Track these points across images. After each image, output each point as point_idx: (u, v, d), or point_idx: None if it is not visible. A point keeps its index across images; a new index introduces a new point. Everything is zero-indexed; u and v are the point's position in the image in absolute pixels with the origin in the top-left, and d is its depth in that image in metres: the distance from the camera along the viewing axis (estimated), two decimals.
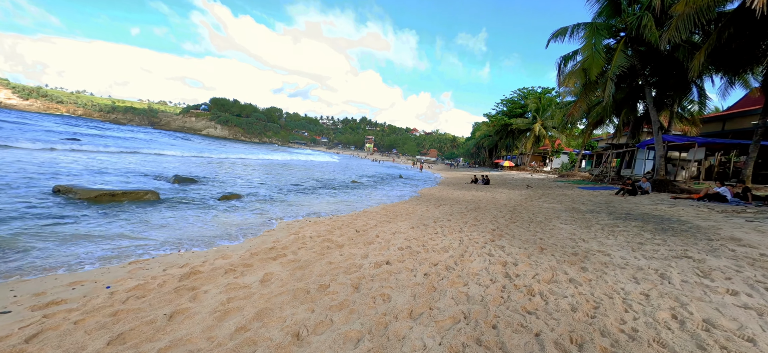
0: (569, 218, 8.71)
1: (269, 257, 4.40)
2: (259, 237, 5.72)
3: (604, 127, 28.85)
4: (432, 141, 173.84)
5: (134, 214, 6.89)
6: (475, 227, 7.33)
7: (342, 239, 5.65)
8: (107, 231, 5.41)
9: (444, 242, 5.72)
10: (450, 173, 42.81)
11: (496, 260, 4.65)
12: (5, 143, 17.16)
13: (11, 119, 48.44)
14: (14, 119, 50.66)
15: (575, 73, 18.50)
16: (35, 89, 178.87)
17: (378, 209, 10.15)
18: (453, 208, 10.73)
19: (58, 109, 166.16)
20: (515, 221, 8.19)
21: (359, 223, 7.44)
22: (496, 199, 13.87)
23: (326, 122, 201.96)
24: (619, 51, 17.10)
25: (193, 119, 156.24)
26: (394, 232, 6.48)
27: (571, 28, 18.85)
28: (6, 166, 11.32)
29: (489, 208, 10.87)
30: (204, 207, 8.41)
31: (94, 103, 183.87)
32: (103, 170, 13.21)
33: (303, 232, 6.16)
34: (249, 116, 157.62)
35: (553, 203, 12.31)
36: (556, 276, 4.02)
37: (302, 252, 4.71)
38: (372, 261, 4.39)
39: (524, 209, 10.75)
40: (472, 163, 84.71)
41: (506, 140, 57.80)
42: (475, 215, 9.08)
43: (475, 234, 6.46)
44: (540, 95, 50.84)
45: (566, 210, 10.20)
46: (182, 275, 3.56)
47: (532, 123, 47.71)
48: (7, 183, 8.60)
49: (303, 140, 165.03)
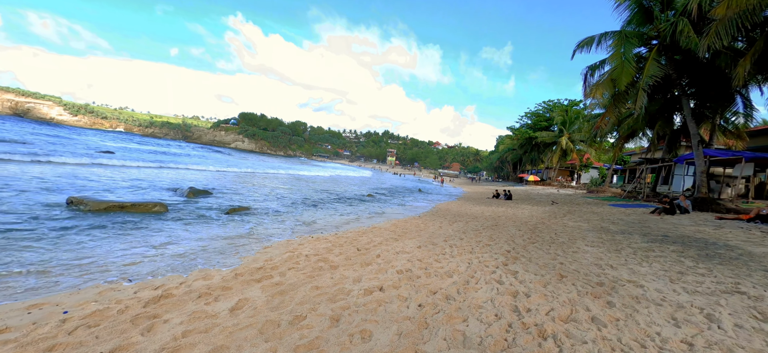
0: (596, 239, 7.89)
1: (253, 280, 4.05)
2: (253, 255, 5.41)
3: (636, 140, 27.16)
4: (454, 155, 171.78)
5: (135, 227, 6.80)
6: (489, 247, 6.72)
7: (339, 259, 5.24)
8: (95, 249, 5.28)
9: (450, 264, 5.18)
10: (471, 188, 41.68)
11: (506, 289, 4.08)
12: (48, 158, 18.15)
13: (60, 134, 51.93)
14: (62, 134, 54.32)
15: (603, 84, 17.47)
16: (83, 106, 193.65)
17: (388, 224, 9.70)
18: (468, 225, 10.09)
19: (103, 124, 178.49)
20: (534, 242, 7.49)
21: (363, 240, 7.02)
22: (516, 216, 13.05)
23: (349, 136, 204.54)
24: (652, 60, 16.02)
25: (223, 133, 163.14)
26: (397, 251, 6.01)
27: (598, 38, 17.93)
28: (36, 178, 11.81)
29: (507, 226, 10.14)
30: (207, 221, 8.28)
31: (134, 118, 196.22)
32: (126, 183, 13.57)
33: (300, 250, 5.81)
34: (275, 130, 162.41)
35: (579, 221, 11.39)
36: (576, 312, 3.41)
37: (291, 274, 4.33)
38: (364, 287, 3.94)
39: (546, 227, 9.95)
40: (496, 177, 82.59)
41: (531, 153, 55.94)
42: (491, 234, 8.43)
43: (486, 256, 5.86)
44: (566, 108, 49.05)
45: (593, 230, 9.32)
46: (150, 299, 3.26)
47: (558, 136, 45.93)
48: (27, 194, 8.86)
49: (326, 153, 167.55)
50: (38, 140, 31.23)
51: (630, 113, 23.23)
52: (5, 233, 5.40)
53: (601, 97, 18.44)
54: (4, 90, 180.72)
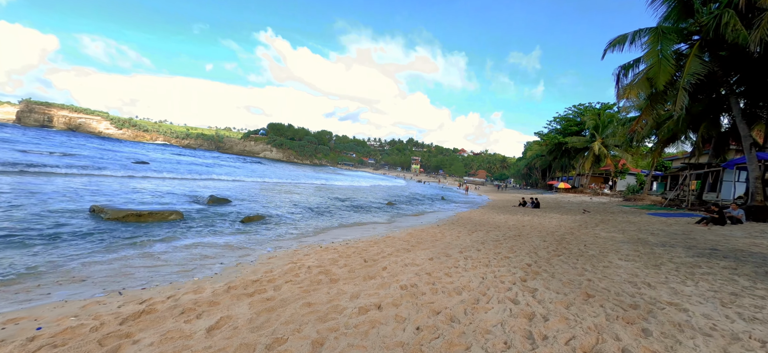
0: (632, 252, 7.12)
1: (244, 294, 3.82)
2: (252, 266, 5.21)
3: (678, 144, 25.20)
4: (480, 162, 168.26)
5: (144, 236, 6.84)
6: (507, 260, 6.18)
7: (342, 271, 4.93)
8: (98, 258, 5.28)
9: (461, 279, 4.73)
10: (497, 195, 40.34)
11: (521, 310, 3.60)
12: (86, 171, 19.29)
13: (105, 147, 55.56)
14: (107, 146, 58.11)
15: (638, 84, 16.27)
16: (127, 120, 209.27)
17: (403, 234, 9.31)
18: (489, 235, 9.51)
19: (144, 137, 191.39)
20: (560, 255, 6.84)
21: (373, 251, 6.68)
22: (542, 225, 12.25)
23: (373, 144, 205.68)
24: (693, 57, 14.76)
25: (252, 143, 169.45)
26: (407, 263, 5.62)
27: (632, 35, 16.80)
28: (71, 188, 12.43)
29: (531, 236, 9.46)
30: (219, 230, 8.26)
31: (172, 130, 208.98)
32: (152, 192, 14.03)
33: (304, 261, 5.56)
34: (301, 139, 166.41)
35: (612, 231, 10.48)
36: (603, 341, 2.90)
37: (286, 288, 4.07)
38: (360, 304, 3.60)
39: (575, 238, 9.18)
40: (523, 184, 79.80)
41: (561, 159, 53.54)
42: (512, 245, 7.83)
43: (503, 270, 5.35)
44: (599, 112, 46.62)
45: (629, 242, 8.48)
46: (130, 315, 3.09)
47: (590, 141, 43.66)
48: (59, 202, 9.25)
49: (351, 161, 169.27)
50: (84, 153, 33.36)
51: (670, 115, 21.57)
52: (20, 239, 5.54)
53: (636, 98, 17.21)
54: (59, 107, 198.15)
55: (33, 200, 9.26)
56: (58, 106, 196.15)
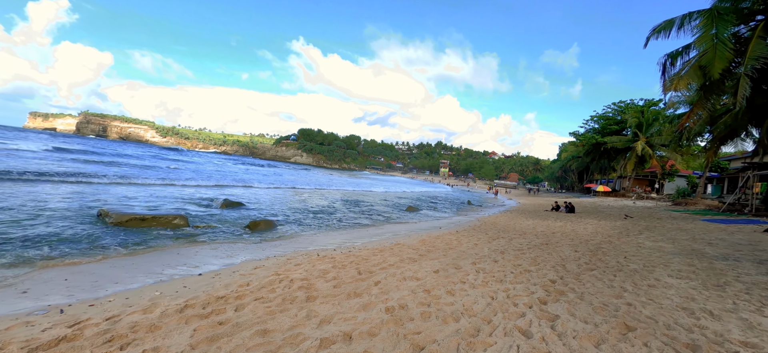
0: (685, 267, 5.91)
1: (197, 315, 3.25)
2: (231, 278, 4.67)
3: (737, 142, 22.38)
4: (512, 165, 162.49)
5: (137, 243, 6.58)
6: (528, 274, 5.24)
7: (326, 287, 4.27)
8: (74, 265, 4.98)
9: (465, 299, 3.92)
10: (528, 199, 38.21)
11: (532, 348, 2.75)
12: (132, 181, 20.16)
13: (147, 153, 58.95)
14: (152, 153, 61.69)
15: (688, 73, 14.42)
16: (171, 129, 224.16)
17: (415, 241, 8.52)
18: (511, 243, 8.50)
19: (185, 144, 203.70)
20: (593, 269, 5.78)
21: (374, 261, 5.98)
22: (576, 232, 10.96)
23: (401, 148, 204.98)
24: (757, 39, 12.89)
25: (284, 149, 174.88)
26: (406, 277, 4.87)
27: (680, 20, 14.99)
28: (92, 194, 12.78)
29: (561, 245, 8.33)
30: (218, 236, 7.91)
31: (210, 138, 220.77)
32: (171, 195, 14.20)
33: (291, 272, 4.96)
34: (330, 144, 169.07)
35: (660, 240, 9.08)
36: None
37: (250, 308, 3.47)
38: (326, 333, 2.91)
39: (613, 248, 7.96)
40: (558, 188, 75.68)
41: (600, 161, 50.01)
42: (536, 256, 6.82)
43: (519, 288, 4.45)
44: (642, 108, 43.04)
45: (681, 253, 7.17)
46: (44, 343, 2.60)
47: (632, 141, 40.33)
48: (72, 207, 9.37)
49: (379, 165, 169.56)
50: (127, 161, 35.25)
51: (727, 109, 19.11)
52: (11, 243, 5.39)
53: (686, 89, 15.30)
54: (112, 118, 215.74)
55: (57, 205, 9.44)
56: (111, 117, 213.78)
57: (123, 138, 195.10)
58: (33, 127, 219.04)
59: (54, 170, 17.29)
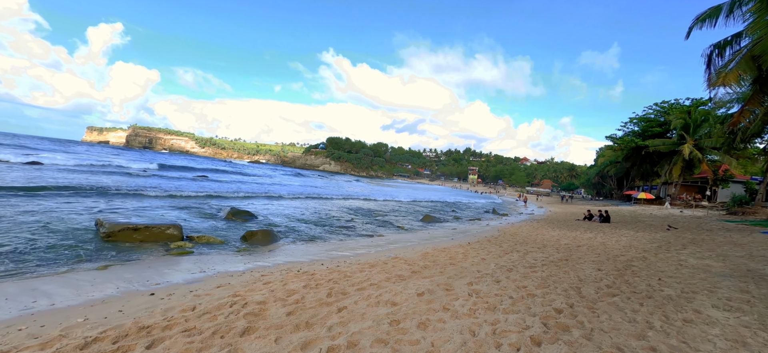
0: (737, 294, 4.78)
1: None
2: (175, 300, 4.22)
3: None
4: (545, 171, 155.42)
5: (110, 258, 6.38)
6: (531, 299, 4.39)
7: (278, 314, 3.69)
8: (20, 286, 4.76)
9: (436, 336, 3.20)
10: (559, 207, 35.89)
11: None
12: (177, 192, 20.91)
13: (178, 163, 61.97)
14: (189, 164, 64.90)
15: (739, 65, 12.70)
16: (209, 140, 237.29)
17: (416, 254, 7.79)
18: (525, 258, 7.54)
19: (221, 154, 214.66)
20: (615, 294, 4.80)
21: (356, 279, 5.35)
22: (605, 246, 9.71)
23: (429, 155, 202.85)
24: None
25: (313, 157, 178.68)
26: (381, 301, 4.20)
27: (728, 5, 13.31)
28: (107, 204, 13.14)
29: (582, 261, 7.26)
30: (209, 249, 7.63)
31: (244, 147, 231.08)
32: (180, 204, 14.36)
33: (249, 293, 4.44)
34: (358, 152, 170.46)
35: (707, 257, 7.73)
36: None
37: (167, 344, 2.95)
38: None
39: (647, 267, 6.80)
40: (595, 195, 71.06)
41: (641, 166, 46.26)
42: (548, 275, 5.88)
43: (512, 320, 3.64)
44: (689, 108, 39.40)
45: (732, 275, 5.94)
46: None
47: (678, 144, 36.91)
48: (80, 217, 9.53)
49: (406, 172, 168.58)
50: (161, 172, 36.98)
51: None
52: None
53: (736, 83, 13.48)
54: (157, 131, 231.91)
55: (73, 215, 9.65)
56: (156, 129, 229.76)
57: (166, 149, 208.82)
58: (89, 140, 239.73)
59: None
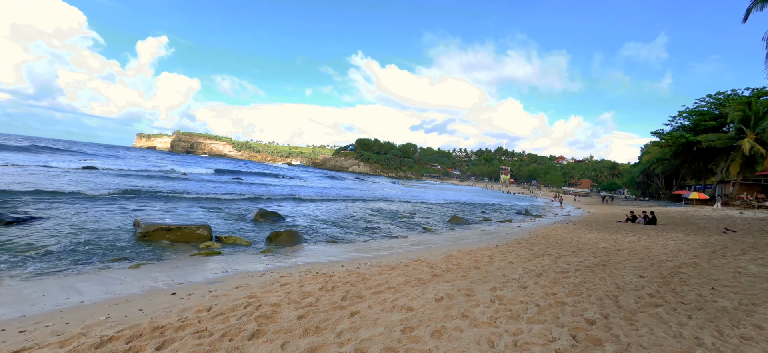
0: None
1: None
2: (195, 300, 4.30)
3: None
4: (583, 170, 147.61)
5: (142, 256, 6.67)
6: (560, 308, 4.04)
7: (290, 317, 3.64)
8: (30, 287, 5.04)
9: (450, 346, 2.99)
10: (599, 208, 33.77)
11: None
12: (191, 193, 22.10)
13: (218, 166, 65.14)
14: (228, 166, 68.20)
15: None
16: (244, 143, 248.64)
17: (439, 257, 7.54)
18: (557, 263, 7.06)
19: (256, 157, 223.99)
20: (658, 305, 4.31)
21: (374, 282, 5.23)
22: (650, 250, 8.91)
23: (459, 155, 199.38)
24: None
25: (342, 159, 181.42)
26: (396, 306, 4.04)
27: None
28: (145, 207, 13.97)
29: (623, 267, 6.67)
30: (232, 249, 7.84)
31: (278, 150, 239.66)
32: (211, 206, 14.98)
33: (266, 295, 4.44)
34: (387, 153, 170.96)
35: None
36: None
37: (175, 346, 2.97)
38: None
39: (697, 274, 6.11)
40: (640, 195, 66.30)
41: (693, 164, 42.57)
42: (582, 281, 5.43)
43: (536, 331, 3.34)
44: (749, 100, 35.71)
45: None
46: None
47: (736, 138, 33.59)
48: (123, 217, 10.17)
49: (435, 173, 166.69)
50: (195, 176, 39.03)
51: None
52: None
53: None
54: (198, 136, 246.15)
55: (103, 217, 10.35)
56: (197, 135, 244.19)
57: (206, 153, 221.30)
58: (138, 146, 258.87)
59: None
